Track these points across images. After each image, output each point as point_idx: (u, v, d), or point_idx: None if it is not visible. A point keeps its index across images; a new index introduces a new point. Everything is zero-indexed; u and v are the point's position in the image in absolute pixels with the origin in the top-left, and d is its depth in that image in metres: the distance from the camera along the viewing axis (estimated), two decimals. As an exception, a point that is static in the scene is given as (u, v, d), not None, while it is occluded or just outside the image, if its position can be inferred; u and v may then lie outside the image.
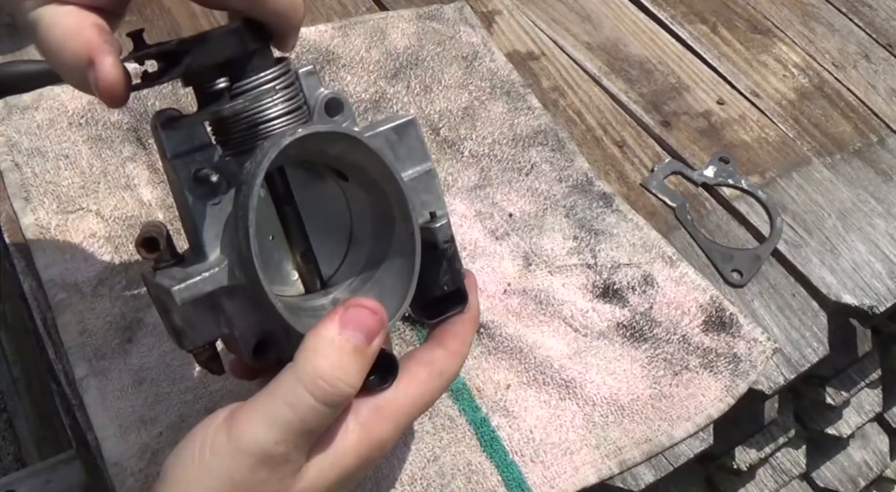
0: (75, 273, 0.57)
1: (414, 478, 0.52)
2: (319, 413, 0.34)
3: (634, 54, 0.85)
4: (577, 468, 0.54)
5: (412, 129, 0.42)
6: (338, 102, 0.39)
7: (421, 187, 0.42)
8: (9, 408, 1.24)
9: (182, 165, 0.37)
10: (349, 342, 0.35)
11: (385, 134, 0.41)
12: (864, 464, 0.84)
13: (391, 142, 0.41)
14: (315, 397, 0.34)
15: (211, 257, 0.36)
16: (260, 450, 0.34)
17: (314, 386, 0.34)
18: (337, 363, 0.34)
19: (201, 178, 0.36)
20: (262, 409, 0.34)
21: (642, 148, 0.76)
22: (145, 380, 0.53)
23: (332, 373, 0.34)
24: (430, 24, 0.81)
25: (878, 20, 0.95)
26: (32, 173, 0.62)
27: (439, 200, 0.42)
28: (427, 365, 0.40)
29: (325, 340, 0.35)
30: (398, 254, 0.40)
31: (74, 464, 0.57)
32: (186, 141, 0.37)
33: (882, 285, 0.69)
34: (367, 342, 0.36)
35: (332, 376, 0.34)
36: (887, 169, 0.79)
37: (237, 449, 0.34)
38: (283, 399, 0.34)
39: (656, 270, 0.65)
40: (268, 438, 0.34)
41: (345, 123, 0.40)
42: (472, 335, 0.43)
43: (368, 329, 0.36)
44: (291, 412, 0.34)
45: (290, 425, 0.34)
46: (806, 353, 0.64)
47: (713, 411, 0.58)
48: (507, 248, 0.65)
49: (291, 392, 0.34)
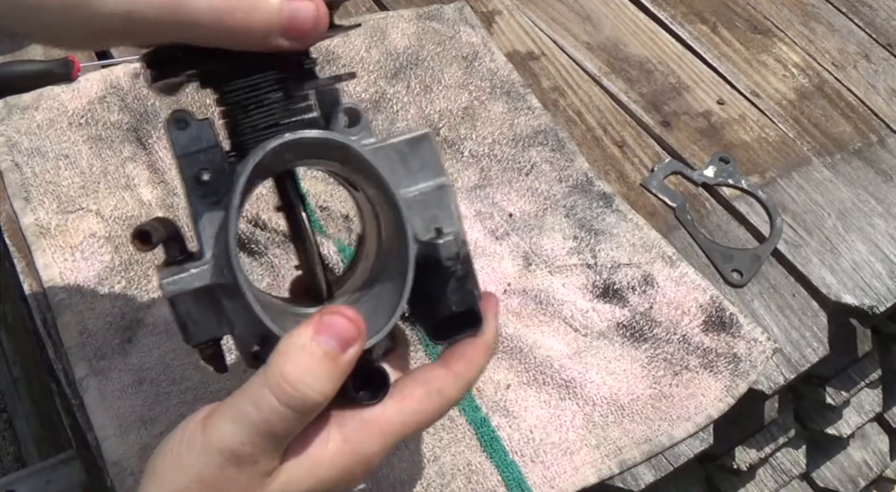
0: (75, 273, 0.57)
1: (414, 478, 0.52)
2: (283, 416, 0.34)
3: (634, 54, 0.85)
4: (577, 468, 0.54)
5: (426, 142, 0.41)
6: (354, 113, 0.39)
7: (432, 202, 0.41)
8: (9, 408, 1.24)
9: (187, 164, 0.37)
10: (320, 347, 0.34)
11: (396, 146, 0.40)
12: (864, 464, 0.84)
13: (403, 154, 0.40)
14: (279, 399, 0.33)
15: (205, 253, 0.37)
16: (227, 448, 0.34)
17: (278, 388, 0.33)
18: (304, 367, 0.34)
19: (198, 177, 0.37)
20: (232, 408, 0.34)
21: (642, 148, 0.76)
22: (145, 380, 0.53)
23: (298, 376, 0.34)
24: (430, 24, 0.81)
25: (878, 20, 0.95)
26: (32, 173, 0.62)
27: (451, 216, 0.41)
28: (424, 384, 0.39)
29: (296, 344, 0.35)
30: (395, 269, 0.40)
31: (74, 464, 0.57)
32: (195, 141, 0.37)
33: (882, 285, 0.69)
34: (340, 350, 0.35)
35: (297, 380, 0.34)
36: (887, 169, 0.79)
37: (207, 446, 0.34)
38: (249, 399, 0.34)
39: (656, 270, 0.65)
40: (234, 437, 0.34)
41: (359, 135, 0.40)
42: (483, 361, 0.41)
43: (343, 337, 0.35)
44: (257, 413, 0.33)
45: (255, 425, 0.34)
46: (806, 353, 0.64)
47: (713, 411, 0.58)
48: (507, 248, 0.65)
49: (258, 393, 0.34)
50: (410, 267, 0.38)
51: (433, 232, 0.40)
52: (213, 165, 0.37)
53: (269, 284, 0.59)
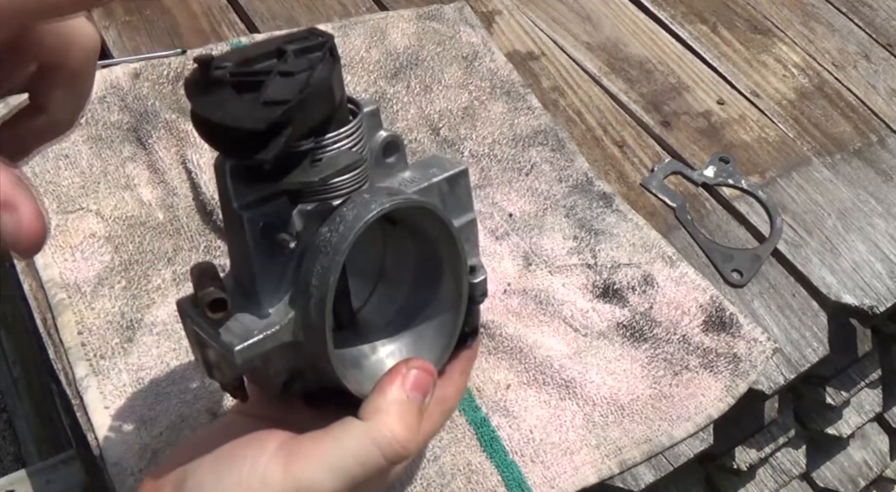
0: (75, 273, 0.57)
1: (414, 478, 0.52)
2: (384, 471, 0.36)
3: (634, 54, 0.85)
4: (577, 468, 0.54)
5: (464, 180, 0.42)
6: (395, 145, 0.40)
7: (464, 238, 0.41)
8: (9, 408, 1.24)
9: (251, 218, 0.34)
10: (414, 404, 0.37)
11: (438, 185, 0.41)
12: (864, 464, 0.84)
13: (443, 193, 0.41)
14: (387, 458, 0.36)
15: (269, 310, 0.35)
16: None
17: (389, 449, 0.36)
18: (408, 426, 0.36)
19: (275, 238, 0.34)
20: (327, 457, 0.35)
21: (642, 148, 0.76)
22: (145, 380, 0.53)
23: (406, 436, 0.36)
24: (430, 24, 0.81)
25: (878, 20, 0.95)
26: (32, 173, 0.62)
27: (475, 248, 0.43)
28: (441, 403, 0.41)
29: (395, 402, 0.37)
30: (442, 308, 0.41)
31: (74, 464, 0.57)
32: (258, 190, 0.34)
33: (882, 285, 0.69)
34: (423, 401, 0.38)
35: (406, 439, 0.36)
36: (887, 169, 0.79)
37: (294, 488, 0.35)
38: (352, 454, 0.35)
39: (656, 270, 0.65)
40: (328, 486, 0.35)
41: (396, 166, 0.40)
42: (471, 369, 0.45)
43: (425, 389, 0.38)
44: (360, 469, 0.35)
45: (355, 479, 0.35)
46: (806, 353, 0.64)
47: (713, 411, 0.58)
48: (507, 248, 0.65)
49: (363, 450, 0.35)
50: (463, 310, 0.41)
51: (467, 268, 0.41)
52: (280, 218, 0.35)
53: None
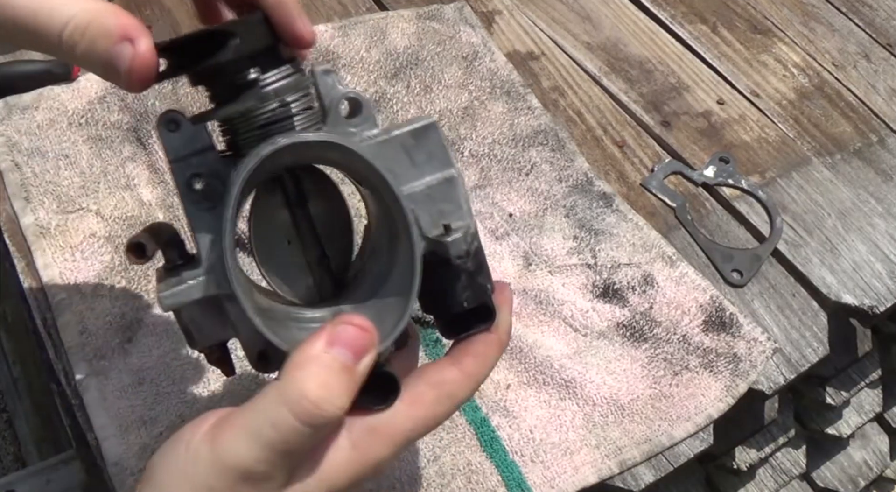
0: (75, 273, 0.57)
1: (414, 478, 0.52)
2: (303, 434, 0.33)
3: (634, 54, 0.85)
4: (577, 468, 0.54)
5: (433, 132, 0.38)
6: (356, 103, 0.38)
7: (440, 196, 0.38)
8: (9, 408, 1.24)
9: (180, 169, 0.36)
10: (336, 361, 0.34)
11: (401, 138, 0.38)
12: (864, 464, 0.84)
13: (407, 146, 0.38)
14: (299, 418, 0.33)
15: (204, 264, 0.36)
16: (242, 466, 0.33)
17: (298, 407, 0.33)
18: (323, 382, 0.33)
19: (190, 183, 0.35)
20: (245, 424, 0.33)
21: (642, 148, 0.76)
22: (145, 380, 0.53)
23: (318, 393, 0.33)
24: (430, 24, 0.81)
25: (878, 20, 0.95)
26: (32, 173, 0.62)
27: (460, 209, 0.39)
28: (436, 386, 0.38)
29: (311, 357, 0.34)
30: (401, 271, 0.38)
31: (74, 464, 0.57)
32: (189, 144, 0.36)
33: (882, 285, 0.69)
34: (355, 361, 0.34)
35: (318, 397, 0.33)
36: (887, 169, 0.79)
37: (219, 462, 0.33)
38: (265, 417, 0.33)
39: (656, 270, 0.65)
40: (249, 455, 0.33)
41: (360, 126, 0.38)
42: (495, 358, 0.39)
43: (357, 347, 0.34)
44: (274, 432, 0.33)
45: (273, 444, 0.33)
46: (806, 353, 0.64)
47: (713, 410, 0.58)
48: (507, 248, 0.65)
49: (275, 411, 0.33)
50: (416, 272, 0.37)
51: (441, 228, 0.38)
52: (207, 169, 0.36)
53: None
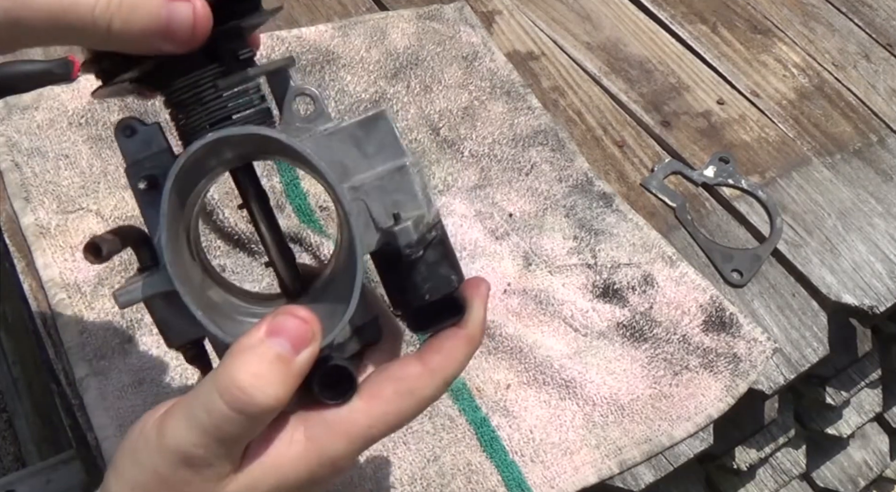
0: (75, 273, 0.57)
1: (414, 478, 0.52)
2: (234, 421, 0.33)
3: (634, 54, 0.85)
4: (577, 468, 0.54)
5: (382, 122, 0.38)
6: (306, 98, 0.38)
7: (392, 186, 0.37)
8: (9, 408, 1.24)
9: (133, 172, 0.36)
10: (271, 350, 0.33)
11: (348, 129, 0.37)
12: (864, 464, 0.84)
13: (357, 137, 0.37)
14: (228, 404, 0.32)
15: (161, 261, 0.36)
16: (180, 450, 0.33)
17: (228, 393, 0.32)
18: (254, 371, 0.33)
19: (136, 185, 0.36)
20: (184, 409, 0.34)
21: (642, 148, 0.76)
22: (145, 380, 0.53)
23: (248, 381, 0.32)
24: (430, 24, 0.81)
25: (878, 20, 0.95)
26: (32, 173, 0.62)
27: (414, 198, 0.37)
28: (396, 382, 0.37)
29: (247, 346, 0.34)
30: (349, 263, 0.37)
31: (74, 464, 0.57)
32: (144, 147, 0.36)
33: (882, 285, 0.69)
34: (293, 352, 0.34)
35: (248, 385, 0.32)
36: (887, 169, 0.79)
37: (162, 446, 0.33)
38: (200, 402, 0.33)
39: (656, 270, 0.65)
40: (186, 439, 0.33)
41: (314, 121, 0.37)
42: (464, 355, 0.38)
43: (296, 339, 0.34)
44: (207, 417, 0.33)
45: (206, 430, 0.33)
46: (806, 353, 0.64)
47: (713, 410, 0.58)
48: (507, 248, 0.65)
49: (208, 397, 0.33)
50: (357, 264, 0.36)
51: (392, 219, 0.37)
52: (161, 170, 0.36)
53: (270, 283, 0.59)
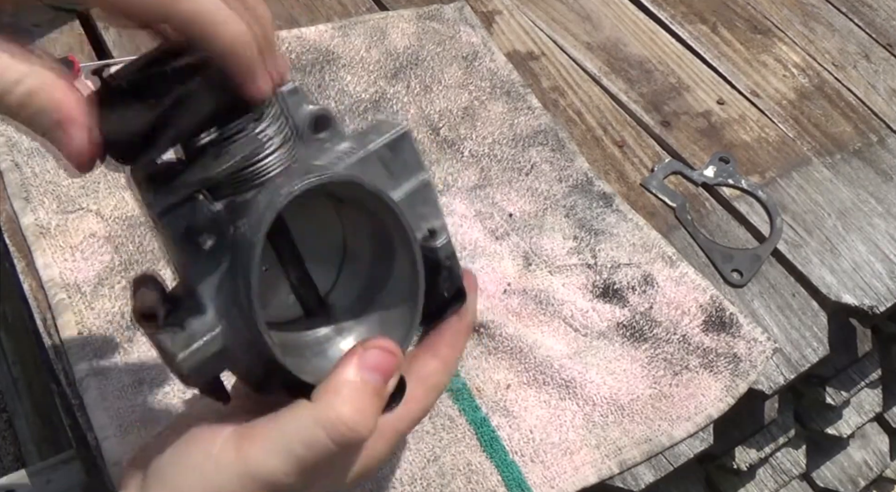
0: (75, 273, 0.57)
1: (414, 478, 0.52)
2: (334, 454, 0.35)
3: (634, 54, 0.85)
4: (577, 468, 0.54)
5: (406, 142, 0.39)
6: (324, 119, 0.38)
7: (419, 201, 0.40)
8: (9, 408, 1.24)
9: (172, 223, 0.34)
10: (368, 385, 0.35)
11: (379, 153, 0.39)
12: (864, 464, 0.84)
13: (385, 160, 0.39)
14: (334, 441, 0.34)
15: (209, 313, 0.35)
16: (270, 479, 0.34)
17: (335, 431, 0.34)
18: (358, 408, 0.35)
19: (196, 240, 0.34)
20: (277, 440, 0.35)
21: (642, 148, 0.76)
22: (145, 380, 0.53)
23: (354, 418, 0.34)
24: (430, 24, 0.81)
25: (878, 20, 0.95)
26: (32, 173, 0.62)
27: (436, 209, 0.41)
28: (424, 381, 0.39)
29: (346, 383, 0.35)
30: (401, 279, 0.39)
31: (74, 464, 0.57)
32: (172, 193, 0.34)
33: (882, 285, 0.69)
34: (384, 383, 0.36)
35: (354, 422, 0.34)
36: (887, 169, 0.79)
37: (245, 472, 0.34)
38: (299, 437, 0.34)
39: (656, 270, 0.65)
40: (279, 469, 0.34)
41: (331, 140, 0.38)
42: (465, 342, 0.42)
43: (385, 370, 0.36)
44: (307, 451, 0.34)
45: (304, 461, 0.34)
46: (806, 353, 0.64)
47: (713, 410, 0.58)
48: (507, 248, 0.65)
49: (309, 432, 0.34)
50: (421, 278, 0.38)
51: (425, 232, 0.40)
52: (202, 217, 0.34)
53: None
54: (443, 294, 0.40)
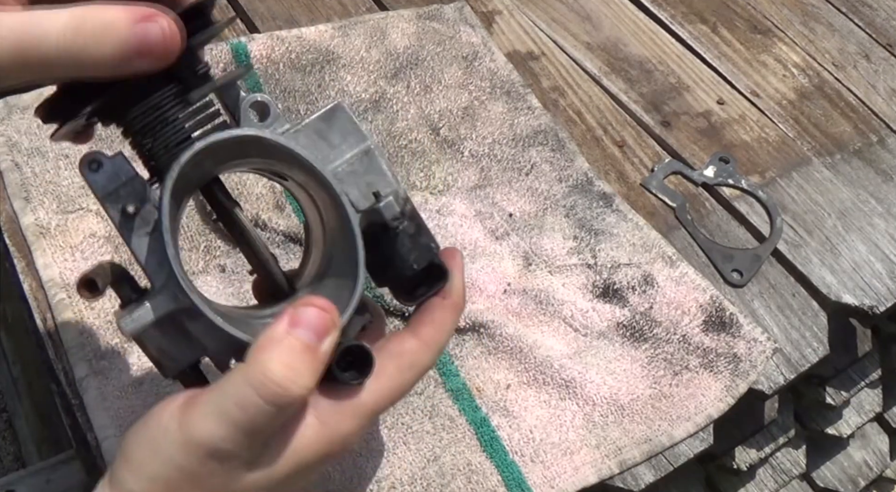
0: (75, 273, 0.57)
1: (414, 478, 0.52)
2: (269, 414, 0.34)
3: (634, 54, 0.85)
4: (577, 468, 0.54)
5: (340, 112, 0.40)
6: (262, 106, 0.39)
7: (363, 169, 0.40)
8: (9, 408, 1.24)
9: (111, 204, 0.37)
10: (299, 341, 0.34)
11: (312, 125, 0.40)
12: (864, 464, 0.84)
13: (321, 131, 0.40)
14: (264, 399, 0.33)
15: (156, 285, 0.36)
16: (209, 444, 0.34)
17: (263, 388, 0.33)
18: (286, 363, 0.34)
19: (124, 211, 0.36)
20: (212, 404, 0.34)
21: (642, 148, 0.76)
22: (145, 380, 0.53)
23: (283, 373, 0.33)
24: (430, 24, 0.81)
25: (878, 20, 0.95)
26: (32, 173, 0.62)
27: (385, 177, 0.40)
28: (397, 357, 0.38)
29: (274, 339, 0.34)
30: (343, 247, 0.39)
31: (74, 464, 0.57)
32: (113, 178, 0.37)
33: (882, 285, 0.69)
34: (318, 340, 0.35)
35: (283, 377, 0.33)
36: (887, 169, 0.79)
37: (187, 439, 0.34)
38: (232, 398, 0.34)
39: (656, 270, 0.65)
40: (216, 433, 0.34)
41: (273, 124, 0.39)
42: (453, 323, 0.41)
43: (319, 327, 0.35)
44: (240, 412, 0.33)
45: (239, 424, 0.33)
46: (806, 353, 0.64)
47: (713, 410, 0.58)
48: (507, 248, 0.65)
49: (240, 392, 0.33)
50: (358, 238, 0.38)
51: (371, 198, 0.40)
52: (137, 196, 0.36)
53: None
54: (412, 265, 0.40)
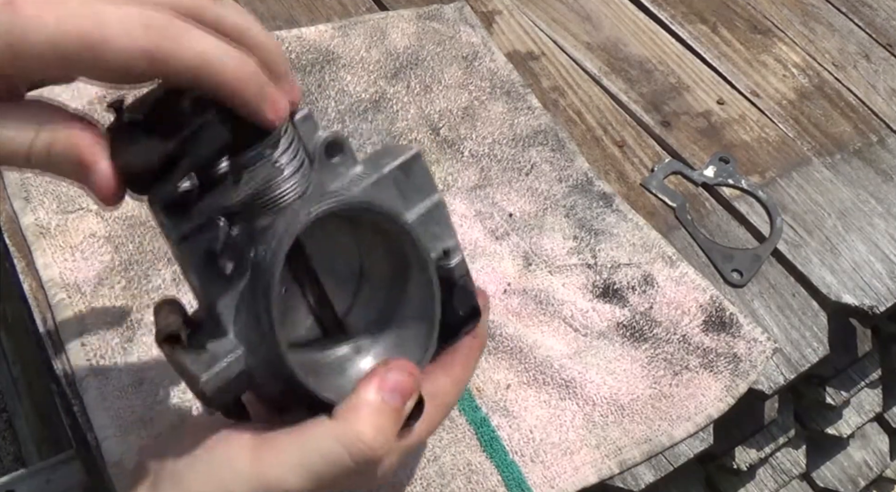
0: (75, 273, 0.57)
1: (414, 478, 0.52)
2: (352, 471, 0.36)
3: (634, 54, 0.85)
4: (577, 468, 0.54)
5: (418, 164, 0.40)
6: (337, 144, 0.39)
7: (432, 221, 0.41)
8: (9, 408, 1.24)
9: (191, 248, 0.35)
10: (388, 405, 0.36)
11: (392, 175, 0.40)
12: (864, 464, 0.84)
13: (398, 182, 0.40)
14: (353, 458, 0.35)
15: (230, 335, 0.36)
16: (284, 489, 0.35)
17: (354, 449, 0.35)
18: (378, 427, 0.36)
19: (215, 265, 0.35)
20: (295, 454, 0.35)
21: (642, 148, 0.76)
22: (145, 380, 0.53)
23: (374, 437, 0.35)
24: (430, 24, 0.81)
25: (878, 20, 0.95)
26: (32, 172, 0.62)
27: (449, 229, 0.42)
28: (434, 398, 0.40)
29: (367, 403, 0.36)
30: (417, 298, 0.40)
31: (74, 464, 0.57)
32: (191, 220, 0.35)
33: (882, 285, 0.69)
34: (402, 403, 0.37)
35: (373, 440, 0.35)
36: (887, 169, 0.79)
37: (261, 481, 0.35)
38: (319, 454, 0.35)
39: (656, 270, 0.65)
40: (296, 481, 0.35)
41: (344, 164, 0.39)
42: (478, 359, 0.43)
43: (405, 391, 0.37)
44: (326, 468, 0.35)
45: (321, 476, 0.35)
46: (806, 353, 0.64)
47: (713, 410, 0.58)
48: (507, 248, 0.65)
49: (329, 449, 0.35)
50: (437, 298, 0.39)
51: (440, 252, 0.41)
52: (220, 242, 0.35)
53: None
54: (457, 312, 0.41)
